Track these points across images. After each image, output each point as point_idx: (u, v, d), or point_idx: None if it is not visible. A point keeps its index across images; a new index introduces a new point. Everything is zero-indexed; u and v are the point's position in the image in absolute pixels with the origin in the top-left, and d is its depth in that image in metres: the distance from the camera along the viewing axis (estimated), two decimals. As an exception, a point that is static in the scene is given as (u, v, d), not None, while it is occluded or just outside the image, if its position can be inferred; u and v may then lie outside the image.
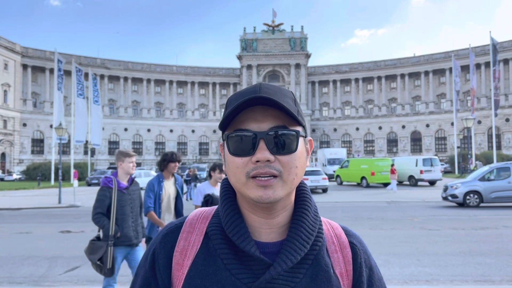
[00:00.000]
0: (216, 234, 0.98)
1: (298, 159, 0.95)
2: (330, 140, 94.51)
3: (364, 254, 1.06)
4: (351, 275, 1.03)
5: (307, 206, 1.01)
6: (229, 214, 0.99)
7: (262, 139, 0.91)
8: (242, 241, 0.94)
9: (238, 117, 0.95)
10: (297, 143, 0.95)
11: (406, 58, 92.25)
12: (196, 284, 0.95)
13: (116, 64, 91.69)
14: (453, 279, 7.03)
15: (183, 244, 1.00)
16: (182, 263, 0.98)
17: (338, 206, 19.63)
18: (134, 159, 5.02)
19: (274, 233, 0.99)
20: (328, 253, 1.02)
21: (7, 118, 76.48)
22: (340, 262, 1.02)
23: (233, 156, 0.94)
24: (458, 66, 53.20)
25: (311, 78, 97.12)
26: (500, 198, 18.05)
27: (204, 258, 0.97)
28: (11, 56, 77.90)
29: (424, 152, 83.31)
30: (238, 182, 0.94)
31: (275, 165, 0.92)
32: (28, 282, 7.34)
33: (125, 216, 4.84)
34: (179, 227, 1.04)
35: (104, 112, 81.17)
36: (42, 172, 51.01)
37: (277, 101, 0.91)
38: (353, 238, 1.07)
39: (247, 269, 0.94)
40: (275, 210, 0.98)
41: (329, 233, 1.06)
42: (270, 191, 0.92)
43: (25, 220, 16.39)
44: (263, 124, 0.93)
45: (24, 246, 10.71)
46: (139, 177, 35.99)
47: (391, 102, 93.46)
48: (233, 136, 0.94)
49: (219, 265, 0.95)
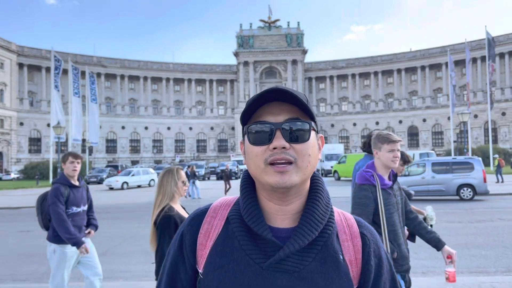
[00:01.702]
0: (235, 219, 1.10)
1: (311, 148, 1.06)
2: (327, 136, 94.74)
3: (374, 244, 1.13)
4: (360, 263, 1.10)
5: (319, 195, 1.10)
6: (247, 202, 1.10)
7: (278, 129, 1.03)
8: (257, 225, 1.05)
9: (257, 112, 1.07)
10: (310, 134, 1.06)
11: (403, 53, 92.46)
12: (215, 262, 1.07)
13: (112, 62, 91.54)
14: (449, 271, 7.18)
15: (206, 227, 1.13)
16: (205, 244, 1.11)
17: (335, 201, 19.78)
18: (398, 146, 3.38)
19: (288, 219, 1.09)
20: (339, 240, 1.10)
21: (3, 118, 76.32)
22: (350, 250, 1.10)
23: (252, 145, 1.05)
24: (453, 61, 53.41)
25: (308, 74, 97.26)
26: (415, 191, 18.17)
27: (223, 239, 1.09)
28: (6, 55, 77.65)
29: (421, 147, 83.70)
30: (258, 169, 1.05)
31: (291, 152, 1.02)
32: (31, 279, 7.47)
33: (395, 228, 3.35)
34: (204, 212, 1.16)
35: (101, 110, 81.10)
36: (40, 171, 51.07)
37: (292, 92, 1.03)
38: (364, 229, 1.14)
39: (260, 250, 1.05)
40: (290, 196, 1.07)
41: (342, 223, 1.14)
42: (286, 176, 1.01)
43: (25, 219, 16.47)
44: (278, 116, 1.05)
45: (26, 244, 10.82)
46: (138, 174, 36.09)
47: (388, 97, 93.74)
48: (252, 128, 1.06)
49: (236, 246, 1.07)
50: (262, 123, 1.05)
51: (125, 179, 34.33)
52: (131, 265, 8.27)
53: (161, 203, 3.47)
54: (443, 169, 19.21)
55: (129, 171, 37.20)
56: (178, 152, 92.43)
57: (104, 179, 39.28)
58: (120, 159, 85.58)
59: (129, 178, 34.78)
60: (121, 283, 6.89)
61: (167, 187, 3.50)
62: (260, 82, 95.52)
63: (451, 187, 18.71)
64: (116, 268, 8.05)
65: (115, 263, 8.41)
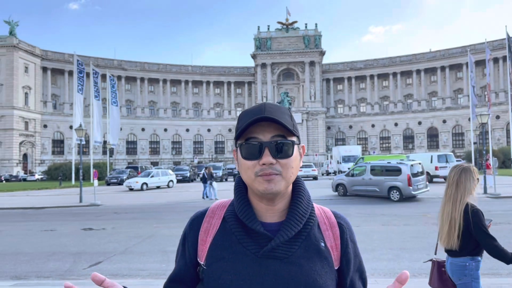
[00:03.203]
0: (231, 217, 1.31)
1: (293, 161, 1.26)
2: (345, 138, 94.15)
3: (349, 231, 1.37)
4: (339, 247, 1.32)
5: (301, 195, 1.33)
6: (241, 203, 1.31)
7: (266, 147, 1.22)
8: (250, 221, 1.26)
9: (248, 130, 1.25)
10: (293, 150, 1.25)
11: (422, 54, 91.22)
12: (216, 254, 1.27)
13: (132, 65, 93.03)
14: (460, 272, 7.23)
15: (206, 226, 1.34)
16: (205, 240, 1.32)
17: (352, 202, 19.81)
18: None
19: (276, 216, 1.31)
20: (321, 230, 1.33)
21: (28, 120, 78.39)
22: (331, 238, 1.32)
23: (245, 159, 1.25)
24: (474, 61, 52.51)
25: (326, 76, 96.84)
26: (357, 190, 21.97)
27: (222, 235, 1.30)
28: (31, 59, 79.78)
29: (441, 148, 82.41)
30: (249, 179, 1.25)
31: (276, 167, 1.22)
32: (54, 276, 7.78)
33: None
34: (203, 214, 1.39)
35: (121, 112, 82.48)
36: (63, 172, 52.22)
37: (278, 119, 1.22)
38: (340, 220, 1.38)
39: (254, 242, 1.26)
40: (276, 199, 1.29)
41: (321, 216, 1.37)
42: (272, 184, 1.22)
43: (48, 218, 17.02)
44: (267, 135, 1.24)
45: (49, 243, 11.22)
46: (157, 176, 36.62)
47: (407, 98, 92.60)
48: (244, 145, 1.25)
49: (233, 240, 1.27)
50: (253, 139, 1.23)
51: (144, 180, 34.85)
52: (149, 263, 8.54)
53: (462, 199, 3.54)
54: (379, 172, 21.07)
55: (149, 172, 37.75)
56: (197, 153, 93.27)
57: (124, 180, 39.93)
58: (140, 160, 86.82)
59: (149, 179, 35.29)
60: (139, 281, 7.15)
61: (466, 184, 3.57)
62: (277, 84, 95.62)
63: (383, 188, 20.40)
64: (134, 266, 8.35)
65: (134, 262, 8.72)
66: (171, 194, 29.03)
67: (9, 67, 75.30)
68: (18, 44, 76.81)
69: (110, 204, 22.50)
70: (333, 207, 1.75)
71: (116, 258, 9.08)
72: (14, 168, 73.74)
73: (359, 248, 1.40)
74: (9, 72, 75.19)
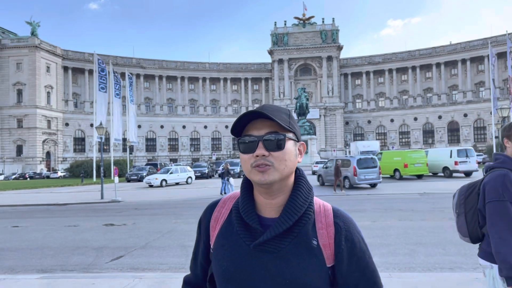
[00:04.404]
0: (235, 209, 1.45)
1: (287, 154, 1.34)
2: (364, 133, 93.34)
3: (346, 231, 1.39)
4: (333, 246, 1.37)
5: (299, 192, 1.39)
6: (243, 197, 1.43)
7: (260, 141, 1.33)
8: (247, 216, 1.38)
9: (246, 127, 1.38)
10: (285, 143, 1.34)
11: (442, 47, 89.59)
12: (220, 241, 1.42)
13: (151, 63, 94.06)
14: (476, 267, 7.18)
15: (216, 214, 1.50)
16: (215, 227, 1.47)
17: (370, 198, 19.76)
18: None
19: (274, 210, 1.39)
20: (315, 228, 1.38)
21: (50, 119, 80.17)
22: (324, 237, 1.37)
23: (242, 153, 1.38)
24: (496, 53, 51.35)
25: (344, 70, 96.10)
26: (328, 180, 26.64)
27: (227, 225, 1.44)
28: (52, 59, 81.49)
29: (462, 143, 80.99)
30: (247, 171, 1.37)
31: (269, 158, 1.32)
32: (78, 270, 8.07)
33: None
34: (216, 203, 1.54)
35: (140, 110, 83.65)
36: (84, 169, 53.35)
37: (269, 115, 1.32)
38: (338, 219, 1.41)
39: (250, 235, 1.37)
40: (274, 192, 1.37)
41: (320, 214, 1.42)
42: (266, 175, 1.32)
43: (71, 214, 17.51)
44: (261, 131, 1.35)
45: (73, 238, 11.60)
46: (176, 172, 37.11)
47: (427, 92, 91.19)
48: (241, 140, 1.38)
49: (234, 231, 1.41)
50: (249, 137, 1.36)
51: (163, 177, 35.34)
52: (169, 257, 8.77)
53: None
54: (344, 164, 24.98)
55: (168, 169, 38.26)
56: (215, 150, 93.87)
57: (144, 177, 40.55)
58: (159, 157, 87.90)
59: (168, 176, 35.78)
60: (159, 274, 7.37)
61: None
62: (295, 80, 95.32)
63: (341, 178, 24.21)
64: (154, 260, 8.59)
65: (154, 256, 8.97)
66: (189, 190, 29.40)
67: (32, 67, 77.13)
68: (40, 45, 78.55)
69: (130, 201, 22.96)
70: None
71: (137, 253, 9.34)
72: (37, 165, 75.66)
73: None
74: (32, 72, 77.02)
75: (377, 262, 6.68)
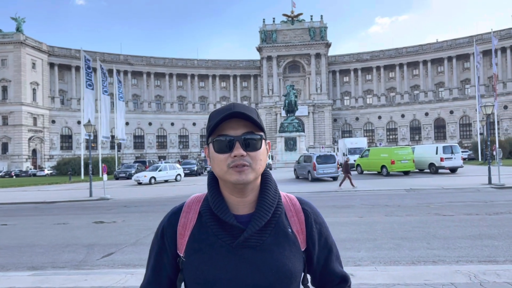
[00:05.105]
0: (206, 211, 1.44)
1: (262, 154, 1.40)
2: (352, 130, 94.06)
3: (314, 215, 1.52)
4: (305, 231, 1.48)
5: (268, 187, 1.46)
6: (214, 197, 1.43)
7: (237, 141, 1.35)
8: (224, 215, 1.39)
9: (220, 126, 1.37)
10: (261, 143, 1.39)
11: (429, 44, 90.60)
12: (194, 246, 1.40)
13: (138, 60, 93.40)
14: (458, 260, 7.48)
15: (184, 220, 1.47)
16: (184, 233, 1.44)
17: (357, 194, 20.05)
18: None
19: (247, 207, 1.43)
20: (287, 217, 1.48)
21: (36, 116, 79.20)
22: (296, 223, 1.48)
23: (217, 153, 1.37)
24: (481, 51, 52.13)
25: (332, 68, 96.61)
26: (300, 174, 31.20)
27: (198, 229, 1.43)
28: (38, 55, 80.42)
29: (448, 139, 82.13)
30: (222, 171, 1.37)
31: (247, 158, 1.35)
32: (69, 267, 8.13)
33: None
34: (180, 209, 1.51)
35: (128, 107, 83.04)
36: (72, 167, 52.87)
37: (248, 114, 1.35)
38: (305, 205, 1.53)
39: (228, 234, 1.38)
40: (246, 191, 1.42)
41: (287, 204, 1.52)
42: (243, 175, 1.35)
43: (60, 212, 17.46)
44: (237, 131, 1.36)
45: (63, 235, 11.61)
46: (165, 170, 37.06)
47: (414, 90, 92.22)
48: (217, 140, 1.37)
49: (209, 233, 1.40)
50: (224, 136, 1.36)
51: (152, 174, 35.26)
52: (159, 254, 8.88)
53: None
54: (307, 160, 29.81)
55: (157, 166, 38.17)
56: (204, 147, 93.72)
57: (133, 175, 40.41)
58: (148, 154, 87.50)
59: (157, 173, 35.69)
60: (150, 270, 7.49)
61: None
62: (283, 77, 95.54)
63: (306, 172, 29.48)
64: (145, 256, 8.59)
65: (144, 252, 9.06)
66: (179, 187, 29.43)
67: (17, 63, 76.05)
68: (25, 41, 77.45)
69: (119, 198, 22.94)
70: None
71: (128, 249, 9.43)
72: (23, 163, 74.75)
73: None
74: (17, 69, 75.95)
75: (363, 257, 6.91)
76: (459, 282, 5.80)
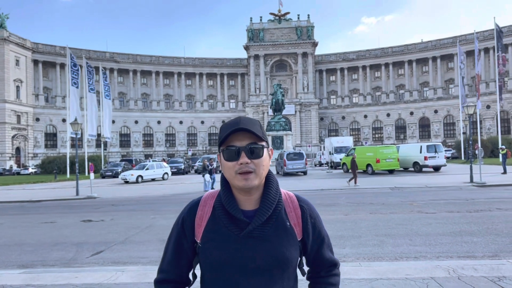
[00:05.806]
0: (219, 206, 1.73)
1: (264, 161, 1.67)
2: (338, 128, 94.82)
3: (309, 210, 1.81)
4: (301, 224, 1.76)
5: (270, 186, 1.74)
6: (226, 194, 1.72)
7: (243, 151, 1.63)
8: (233, 210, 1.68)
9: (229, 138, 1.66)
10: (263, 151, 1.67)
11: (414, 44, 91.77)
12: (208, 235, 1.70)
13: (125, 58, 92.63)
14: (439, 256, 7.76)
15: (200, 213, 1.76)
16: (201, 224, 1.73)
17: (343, 192, 20.34)
18: None
19: (252, 204, 1.72)
20: (286, 212, 1.75)
21: (20, 113, 78.03)
22: (294, 218, 1.76)
23: (226, 161, 1.66)
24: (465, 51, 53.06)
25: (319, 67, 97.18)
26: (279, 169, 35.18)
27: (213, 220, 1.72)
28: (22, 52, 79.20)
29: (432, 138, 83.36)
30: (231, 176, 1.66)
31: (251, 165, 1.63)
32: (59, 265, 8.18)
33: None
34: (198, 203, 1.80)
35: (114, 105, 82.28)
36: (57, 165, 52.30)
37: (250, 129, 1.63)
38: (302, 202, 1.81)
39: (237, 226, 1.67)
40: (252, 191, 1.70)
41: (287, 201, 1.79)
42: (249, 181, 1.63)
43: (47, 211, 17.36)
44: (243, 142, 1.64)
45: (51, 234, 11.61)
46: (152, 168, 36.97)
47: (399, 89, 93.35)
48: (225, 150, 1.66)
49: (221, 225, 1.69)
50: (233, 147, 1.64)
51: (139, 173, 35.12)
52: (149, 251, 9.00)
53: None
54: (280, 157, 34.87)
55: (144, 165, 38.02)
56: (191, 145, 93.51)
57: (119, 173, 40.18)
58: (134, 153, 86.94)
59: (144, 172, 35.56)
60: (140, 267, 7.57)
61: None
62: (270, 75, 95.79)
63: (280, 167, 34.57)
64: (135, 254, 8.80)
65: (134, 250, 9.18)
66: (166, 186, 29.42)
67: (0, 60, 74.78)
68: (9, 37, 76.23)
69: (106, 197, 22.87)
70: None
71: (117, 247, 9.51)
72: (7, 162, 73.61)
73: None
74: (0, 66, 74.70)
75: (348, 253, 7.19)
76: (439, 276, 6.06)
